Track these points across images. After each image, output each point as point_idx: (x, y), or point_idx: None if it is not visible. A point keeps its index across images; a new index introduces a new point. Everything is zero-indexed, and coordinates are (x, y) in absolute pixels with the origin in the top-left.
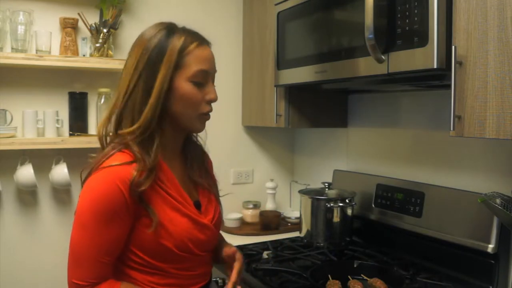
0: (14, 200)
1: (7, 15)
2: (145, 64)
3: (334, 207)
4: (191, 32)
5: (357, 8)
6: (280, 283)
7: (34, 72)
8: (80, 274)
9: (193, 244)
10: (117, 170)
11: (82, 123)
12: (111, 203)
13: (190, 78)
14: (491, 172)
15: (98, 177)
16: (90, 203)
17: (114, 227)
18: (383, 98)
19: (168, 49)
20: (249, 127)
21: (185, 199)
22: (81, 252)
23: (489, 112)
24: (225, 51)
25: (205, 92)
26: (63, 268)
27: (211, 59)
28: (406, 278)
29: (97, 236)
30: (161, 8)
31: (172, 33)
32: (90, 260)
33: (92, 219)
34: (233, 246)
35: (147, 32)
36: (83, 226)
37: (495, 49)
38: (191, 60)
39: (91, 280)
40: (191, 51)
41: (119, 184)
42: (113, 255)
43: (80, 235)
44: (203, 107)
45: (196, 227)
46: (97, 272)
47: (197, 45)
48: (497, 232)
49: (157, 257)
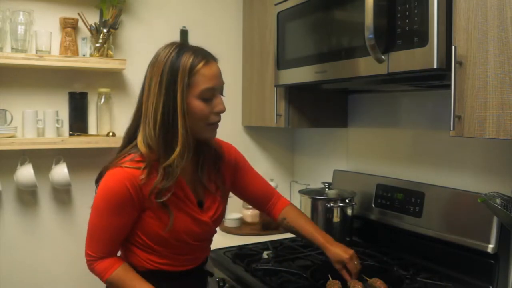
0: (14, 200)
1: (7, 15)
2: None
3: (334, 207)
4: (198, 50)
5: (357, 8)
6: (280, 283)
7: (34, 72)
8: (92, 248)
9: (187, 235)
10: (129, 172)
11: (82, 123)
12: (119, 198)
13: (199, 96)
14: (491, 172)
15: (113, 174)
16: (104, 195)
17: (121, 216)
18: (383, 98)
19: (180, 70)
20: (249, 127)
21: (188, 198)
22: (94, 231)
23: (489, 112)
24: (225, 51)
25: (213, 105)
26: (63, 268)
27: (217, 75)
28: (406, 278)
29: (107, 222)
30: (161, 8)
31: (182, 53)
32: (100, 239)
33: (104, 208)
34: (345, 249)
35: (162, 53)
36: (97, 212)
37: (495, 49)
38: (199, 80)
39: (100, 254)
40: (198, 71)
41: (127, 184)
42: (118, 238)
43: (94, 217)
44: (212, 118)
45: (193, 223)
46: (105, 249)
47: (203, 64)
48: (497, 232)
49: (156, 242)
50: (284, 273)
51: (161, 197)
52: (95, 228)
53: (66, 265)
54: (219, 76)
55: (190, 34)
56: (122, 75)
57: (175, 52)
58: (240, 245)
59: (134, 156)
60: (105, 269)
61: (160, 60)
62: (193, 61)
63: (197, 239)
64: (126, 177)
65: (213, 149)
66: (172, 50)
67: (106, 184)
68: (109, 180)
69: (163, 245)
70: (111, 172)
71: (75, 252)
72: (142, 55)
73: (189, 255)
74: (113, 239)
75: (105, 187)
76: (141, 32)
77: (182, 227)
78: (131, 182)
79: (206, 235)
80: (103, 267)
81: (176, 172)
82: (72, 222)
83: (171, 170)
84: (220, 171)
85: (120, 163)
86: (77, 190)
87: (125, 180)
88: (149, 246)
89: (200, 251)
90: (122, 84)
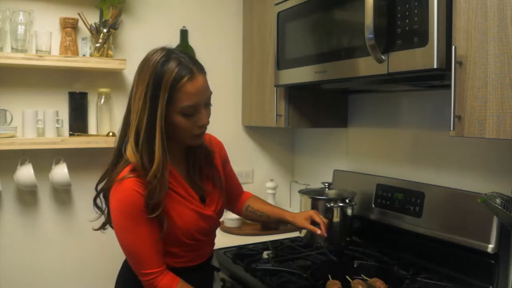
0: (14, 200)
1: (7, 15)
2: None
3: (334, 207)
4: (184, 62)
5: (357, 8)
6: (280, 283)
7: (34, 72)
8: (145, 266)
9: (197, 232)
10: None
11: (82, 123)
12: (136, 205)
13: (180, 112)
14: (491, 172)
15: (118, 189)
16: (121, 209)
17: (147, 223)
18: (383, 98)
19: (163, 84)
20: (249, 127)
21: (190, 195)
22: (135, 250)
23: (489, 112)
24: (225, 51)
25: (195, 120)
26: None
27: (201, 90)
28: (406, 278)
29: (139, 234)
30: (161, 8)
31: (167, 64)
32: (145, 254)
33: (127, 221)
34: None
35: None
36: (123, 229)
37: (495, 49)
38: (181, 96)
39: (156, 268)
40: (181, 87)
41: (137, 189)
42: (159, 245)
43: (125, 237)
44: (194, 131)
45: (200, 218)
46: (157, 261)
47: (187, 80)
48: (497, 232)
49: (170, 244)
50: (284, 273)
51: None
52: (133, 247)
53: (66, 265)
54: (203, 90)
55: (190, 34)
56: (122, 75)
57: (160, 63)
58: (240, 245)
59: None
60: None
61: (146, 67)
62: (176, 76)
63: (206, 234)
64: (134, 184)
65: (204, 147)
66: (159, 57)
67: (117, 199)
68: (118, 194)
69: (177, 245)
70: (116, 187)
71: (75, 252)
72: (142, 55)
73: (198, 250)
74: (157, 246)
75: (118, 202)
76: (141, 32)
77: (192, 225)
78: (140, 188)
79: (213, 229)
80: (167, 281)
81: (163, 185)
82: (72, 222)
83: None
84: (213, 165)
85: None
86: (77, 190)
87: (134, 187)
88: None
89: (207, 245)
90: (122, 84)
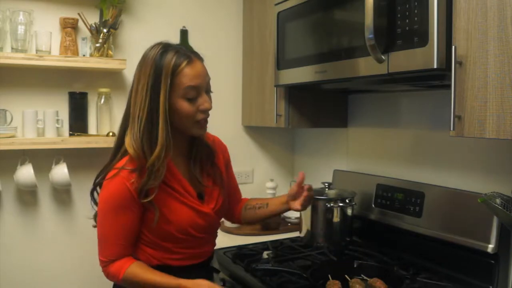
0: (14, 200)
1: (7, 15)
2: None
3: (334, 207)
4: (181, 50)
5: (357, 8)
6: (280, 283)
7: (34, 72)
8: (104, 253)
9: (192, 228)
10: (126, 172)
11: (82, 123)
12: (122, 197)
13: (183, 95)
14: (491, 172)
15: (109, 180)
16: (107, 198)
17: (126, 215)
18: (383, 98)
19: (163, 71)
20: (249, 127)
21: (187, 190)
22: (103, 235)
23: (489, 112)
24: (225, 51)
25: (198, 104)
26: (63, 268)
27: (201, 74)
28: (406, 278)
29: (114, 222)
30: (161, 8)
31: (166, 53)
32: (110, 242)
33: (109, 209)
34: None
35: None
36: (103, 216)
37: (495, 49)
38: (182, 79)
39: (111, 257)
40: (181, 71)
41: (127, 183)
42: (127, 239)
43: (101, 222)
44: (198, 116)
45: (196, 215)
46: (115, 252)
47: (186, 64)
48: (497, 232)
49: (163, 239)
50: (284, 273)
51: (147, 196)
52: (103, 232)
53: (66, 265)
54: (203, 75)
55: (190, 34)
56: (122, 75)
57: (159, 54)
58: (240, 245)
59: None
60: (118, 269)
61: (146, 61)
62: (176, 61)
63: (202, 231)
64: (125, 177)
65: (205, 144)
66: (157, 51)
67: (106, 188)
68: (108, 184)
69: (171, 240)
70: (108, 179)
71: (75, 252)
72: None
73: (196, 248)
74: (123, 240)
75: (106, 191)
76: (141, 32)
77: (186, 221)
78: (129, 181)
79: (210, 227)
80: (116, 268)
81: (160, 172)
82: (72, 222)
83: (155, 170)
84: (215, 164)
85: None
86: (77, 190)
87: (123, 180)
88: (156, 243)
89: (206, 244)
90: (122, 84)
